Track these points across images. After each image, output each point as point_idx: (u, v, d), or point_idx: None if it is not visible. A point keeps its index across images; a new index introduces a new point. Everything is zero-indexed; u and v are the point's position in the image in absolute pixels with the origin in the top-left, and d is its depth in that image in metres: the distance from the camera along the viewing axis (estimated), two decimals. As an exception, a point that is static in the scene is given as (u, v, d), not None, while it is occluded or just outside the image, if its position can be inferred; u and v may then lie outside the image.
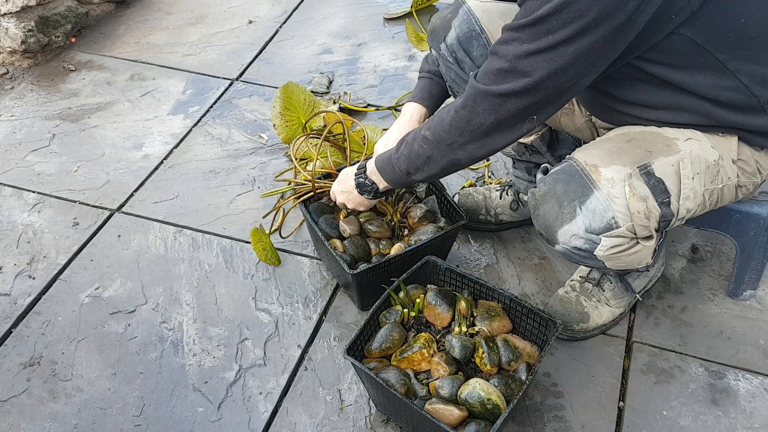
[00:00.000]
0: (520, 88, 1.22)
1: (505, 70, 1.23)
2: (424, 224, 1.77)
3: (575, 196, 1.32)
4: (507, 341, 1.49)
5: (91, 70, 2.63)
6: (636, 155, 1.33)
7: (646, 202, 1.30)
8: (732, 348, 1.67)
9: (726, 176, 1.38)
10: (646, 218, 1.31)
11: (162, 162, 2.23)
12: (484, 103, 1.28)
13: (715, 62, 1.26)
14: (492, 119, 1.29)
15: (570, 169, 1.35)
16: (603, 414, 1.55)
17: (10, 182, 2.15)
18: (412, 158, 1.44)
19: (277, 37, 2.80)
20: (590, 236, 1.33)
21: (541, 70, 1.19)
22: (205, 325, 1.74)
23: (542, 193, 1.37)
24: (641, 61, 1.29)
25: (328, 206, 1.85)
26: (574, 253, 1.38)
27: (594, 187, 1.31)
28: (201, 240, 1.96)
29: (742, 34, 1.24)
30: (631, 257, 1.38)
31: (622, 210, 1.30)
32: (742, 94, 1.30)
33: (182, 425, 1.54)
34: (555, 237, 1.37)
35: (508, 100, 1.25)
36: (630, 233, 1.32)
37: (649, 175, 1.31)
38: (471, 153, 1.36)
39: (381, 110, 2.40)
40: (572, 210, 1.32)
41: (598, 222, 1.31)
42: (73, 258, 1.91)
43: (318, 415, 1.55)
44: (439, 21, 1.61)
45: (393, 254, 1.67)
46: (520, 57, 1.20)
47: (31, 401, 1.59)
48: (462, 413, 1.37)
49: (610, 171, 1.31)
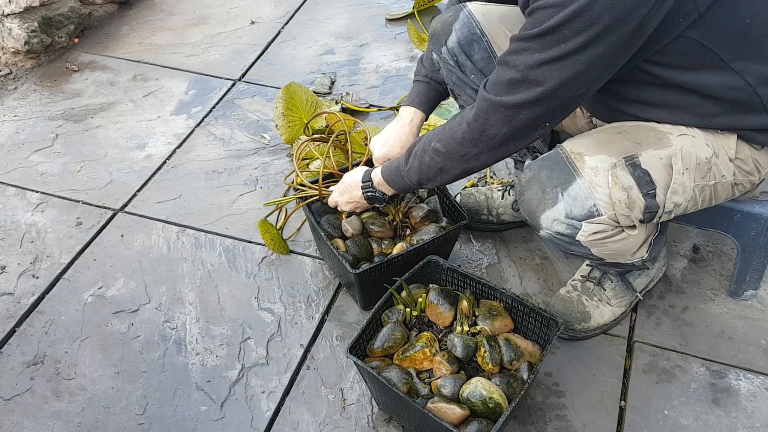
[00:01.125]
0: (533, 98, 1.22)
1: (517, 81, 1.23)
2: (426, 224, 1.78)
3: (558, 182, 1.34)
4: (509, 340, 1.49)
5: (94, 71, 2.63)
6: (624, 146, 1.35)
7: (628, 192, 1.31)
8: (733, 348, 1.67)
9: (719, 173, 1.39)
10: (628, 208, 1.32)
11: (165, 162, 2.23)
12: (497, 115, 1.28)
13: (720, 63, 1.27)
14: (505, 130, 1.29)
15: (555, 156, 1.37)
16: (604, 413, 1.55)
17: (13, 182, 2.16)
18: (423, 170, 1.45)
19: (280, 37, 2.81)
20: (571, 222, 1.35)
21: (554, 80, 1.20)
22: (208, 324, 1.75)
23: (527, 179, 1.40)
24: (648, 63, 1.29)
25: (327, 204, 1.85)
26: (558, 238, 1.40)
27: (577, 175, 1.33)
28: (204, 240, 1.97)
29: (747, 35, 1.25)
30: (617, 245, 1.40)
31: (603, 198, 1.32)
32: (746, 94, 1.31)
33: (185, 424, 1.55)
34: (538, 222, 1.40)
35: (521, 111, 1.25)
36: (612, 221, 1.34)
37: (634, 166, 1.32)
38: (484, 161, 1.38)
39: (383, 110, 2.40)
40: (554, 196, 1.35)
41: (579, 208, 1.33)
42: (77, 257, 1.92)
43: (320, 414, 1.56)
44: (439, 25, 1.61)
45: (395, 254, 1.68)
46: (532, 67, 1.20)
47: (34, 400, 1.59)
48: (464, 412, 1.37)
49: (594, 160, 1.33)
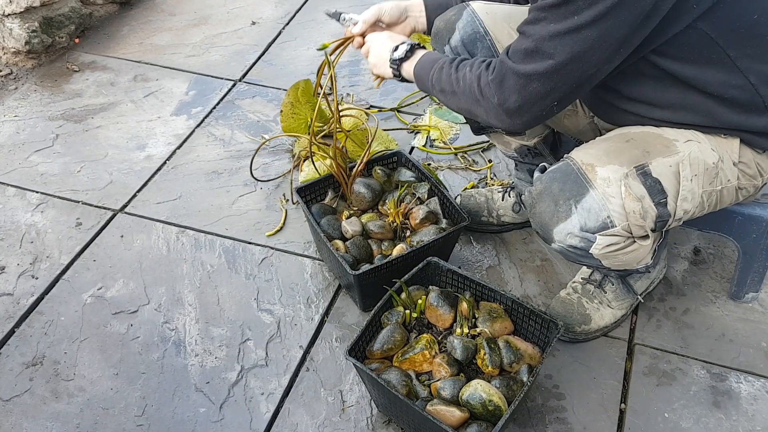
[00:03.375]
0: (543, 70, 1.24)
1: (531, 50, 1.24)
2: (426, 225, 1.77)
3: (571, 194, 1.33)
4: (509, 343, 1.49)
5: (95, 71, 2.63)
6: (633, 155, 1.34)
7: (641, 202, 1.31)
8: (734, 350, 1.67)
9: (725, 178, 1.39)
10: (641, 218, 1.31)
11: (165, 163, 2.23)
12: (510, 81, 1.29)
13: (725, 58, 1.27)
14: (515, 98, 1.30)
15: (566, 168, 1.36)
16: (604, 416, 1.54)
17: (13, 182, 2.16)
18: (443, 81, 1.44)
19: (280, 38, 2.81)
20: (585, 235, 1.34)
21: (564, 54, 1.21)
22: (208, 325, 1.74)
23: (538, 192, 1.39)
24: (654, 54, 1.29)
25: (331, 207, 1.85)
26: (570, 251, 1.39)
27: (590, 186, 1.32)
28: (203, 240, 1.96)
29: (754, 31, 1.25)
30: (628, 256, 1.39)
31: (617, 209, 1.31)
32: (748, 93, 1.31)
33: (184, 425, 1.54)
34: (551, 235, 1.39)
35: (531, 82, 1.26)
36: (626, 232, 1.33)
37: (645, 175, 1.31)
38: (489, 120, 1.38)
39: (383, 111, 2.40)
40: (568, 209, 1.34)
41: (593, 221, 1.32)
42: (76, 258, 1.92)
43: (320, 416, 1.56)
44: (443, 23, 1.61)
45: (395, 255, 1.68)
46: (545, 38, 1.22)
47: (33, 401, 1.59)
48: (463, 414, 1.37)
49: (606, 170, 1.32)
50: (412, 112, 2.40)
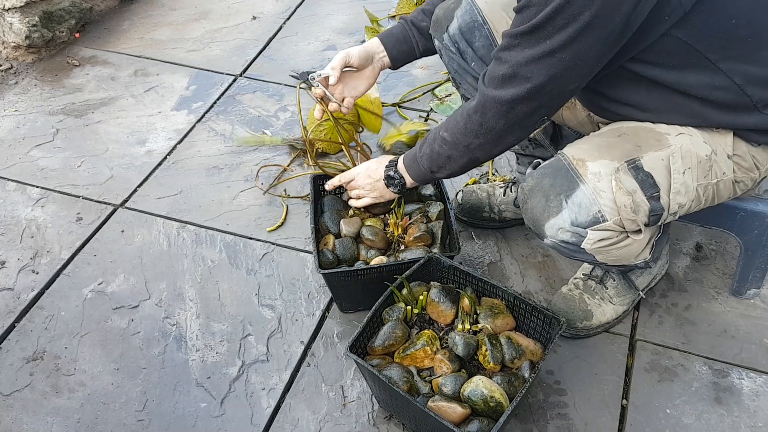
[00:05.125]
0: (524, 94, 1.27)
1: (509, 76, 1.27)
2: (417, 245, 1.72)
3: (561, 190, 1.34)
4: (510, 339, 1.49)
5: (95, 66, 2.63)
6: (625, 150, 1.34)
7: (632, 196, 1.31)
8: (736, 346, 1.66)
9: (720, 171, 1.38)
10: (633, 212, 1.31)
11: (165, 158, 2.23)
12: (493, 109, 1.33)
13: (706, 62, 1.27)
14: (503, 123, 1.34)
15: (557, 163, 1.37)
16: (606, 412, 1.54)
17: (13, 177, 2.15)
18: (433, 158, 1.50)
19: (281, 33, 2.80)
20: (577, 230, 1.34)
21: (541, 76, 1.24)
22: (208, 320, 1.74)
23: (530, 188, 1.39)
24: (634, 62, 1.30)
25: (344, 202, 1.83)
26: (563, 246, 1.40)
27: (580, 181, 1.32)
28: (204, 236, 1.96)
29: (734, 34, 1.24)
30: (621, 251, 1.39)
31: (608, 204, 1.31)
32: (734, 94, 1.30)
33: (185, 420, 1.54)
34: (542, 230, 1.39)
35: (515, 106, 1.30)
36: (618, 227, 1.33)
37: (637, 169, 1.31)
38: (488, 152, 1.43)
39: (384, 107, 2.39)
40: (558, 204, 1.34)
41: (584, 216, 1.32)
42: (77, 253, 1.92)
43: (321, 411, 1.55)
44: (441, 11, 1.62)
45: (371, 264, 1.65)
46: (521, 63, 1.25)
47: (34, 396, 1.59)
48: (465, 411, 1.36)
49: (597, 165, 1.32)
50: (414, 108, 2.40)
